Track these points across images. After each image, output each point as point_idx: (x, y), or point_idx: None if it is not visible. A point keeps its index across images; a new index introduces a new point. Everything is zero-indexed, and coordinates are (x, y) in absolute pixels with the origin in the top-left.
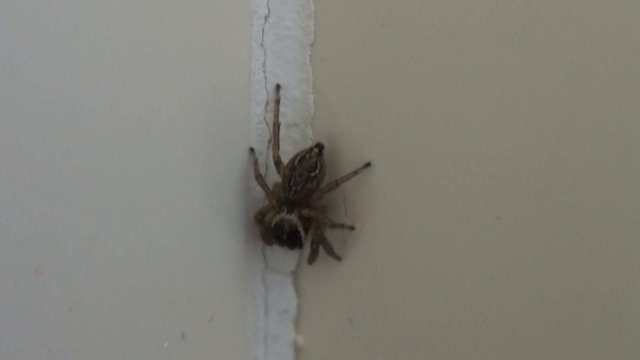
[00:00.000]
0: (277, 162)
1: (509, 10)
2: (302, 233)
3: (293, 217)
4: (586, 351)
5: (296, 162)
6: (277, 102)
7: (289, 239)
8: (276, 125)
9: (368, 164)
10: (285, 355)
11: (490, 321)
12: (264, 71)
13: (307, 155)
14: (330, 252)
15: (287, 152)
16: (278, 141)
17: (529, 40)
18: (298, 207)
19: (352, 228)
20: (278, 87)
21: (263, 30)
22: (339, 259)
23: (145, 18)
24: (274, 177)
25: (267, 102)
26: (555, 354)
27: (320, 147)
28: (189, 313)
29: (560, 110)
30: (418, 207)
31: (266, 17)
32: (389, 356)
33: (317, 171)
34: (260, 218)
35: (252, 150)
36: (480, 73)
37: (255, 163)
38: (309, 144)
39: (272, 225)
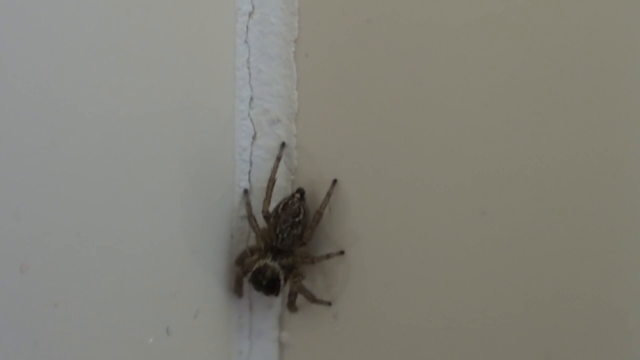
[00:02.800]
0: (267, 217)
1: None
2: (282, 282)
3: (276, 265)
4: (570, 343)
5: (280, 210)
6: (278, 159)
7: (268, 285)
8: (271, 181)
9: (342, 252)
10: (269, 351)
11: (474, 314)
12: (248, 67)
13: (290, 202)
14: (313, 300)
15: (271, 147)
16: (270, 197)
17: (513, 36)
18: (282, 255)
19: (341, 253)
20: (283, 144)
21: (247, 27)
22: (329, 304)
23: (129, 14)
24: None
25: (251, 98)
26: (538, 345)
27: (301, 192)
28: (174, 308)
29: (542, 105)
30: (403, 202)
31: (250, 14)
32: (373, 351)
33: (301, 216)
34: (239, 262)
35: (246, 192)
36: (465, 69)
37: (248, 205)
38: (293, 140)
39: (253, 269)
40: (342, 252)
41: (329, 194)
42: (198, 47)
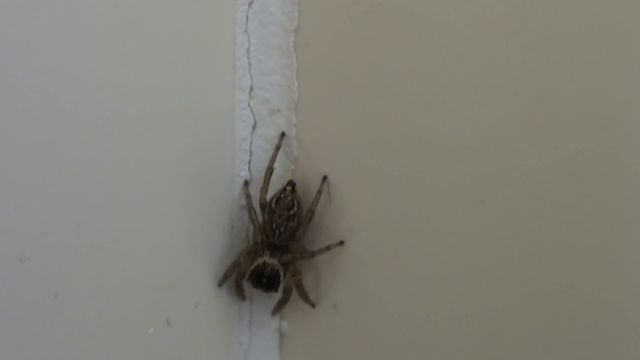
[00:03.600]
0: (264, 205)
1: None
2: (282, 278)
3: (275, 262)
4: (570, 334)
5: (273, 205)
6: (278, 149)
7: (268, 282)
8: (269, 170)
9: (342, 242)
10: (270, 341)
11: (474, 304)
12: (248, 57)
13: (282, 196)
14: (305, 298)
15: (271, 137)
16: (268, 185)
17: (514, 29)
18: (280, 251)
19: (341, 243)
20: (283, 134)
21: (247, 17)
22: (313, 305)
23: (128, 5)
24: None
25: (251, 88)
26: (537, 334)
27: (292, 184)
28: (174, 299)
29: (542, 95)
30: (403, 191)
31: (250, 4)
32: (373, 341)
33: (296, 208)
34: (233, 268)
35: (246, 183)
36: (465, 60)
37: (248, 196)
38: (293, 129)
39: (252, 267)
40: (342, 242)
41: (319, 192)
42: (198, 37)
